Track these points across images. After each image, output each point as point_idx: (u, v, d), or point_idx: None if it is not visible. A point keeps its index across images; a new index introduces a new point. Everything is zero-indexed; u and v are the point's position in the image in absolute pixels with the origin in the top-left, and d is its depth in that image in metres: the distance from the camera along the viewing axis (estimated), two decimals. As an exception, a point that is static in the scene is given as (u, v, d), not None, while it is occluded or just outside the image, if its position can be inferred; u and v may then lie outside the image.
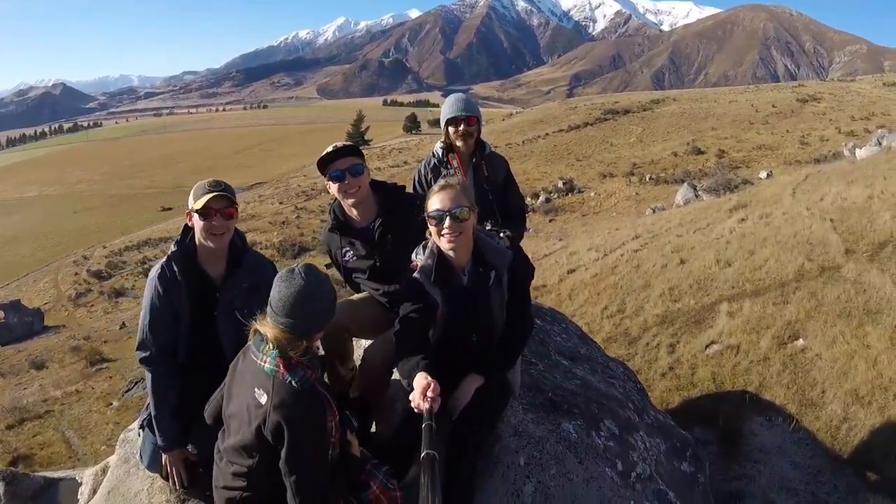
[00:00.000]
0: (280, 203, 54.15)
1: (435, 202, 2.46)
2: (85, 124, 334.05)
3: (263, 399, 2.08)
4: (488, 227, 3.15)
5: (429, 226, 2.53)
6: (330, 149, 2.91)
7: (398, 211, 3.01)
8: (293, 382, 2.05)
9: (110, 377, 15.06)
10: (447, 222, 2.42)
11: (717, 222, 11.62)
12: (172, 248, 2.75)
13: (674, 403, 5.35)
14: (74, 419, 12.07)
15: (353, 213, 3.03)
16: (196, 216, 2.62)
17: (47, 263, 48.29)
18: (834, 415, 4.71)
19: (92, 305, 34.20)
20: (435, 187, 2.53)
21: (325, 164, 2.89)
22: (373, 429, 3.19)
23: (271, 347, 2.10)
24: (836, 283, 6.60)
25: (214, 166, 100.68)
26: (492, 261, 2.54)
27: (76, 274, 42.07)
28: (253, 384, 2.13)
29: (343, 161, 2.88)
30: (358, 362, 3.41)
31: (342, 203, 3.01)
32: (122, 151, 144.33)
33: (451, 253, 2.51)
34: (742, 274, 7.66)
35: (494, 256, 2.56)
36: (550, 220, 29.77)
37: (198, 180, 2.70)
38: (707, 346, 6.21)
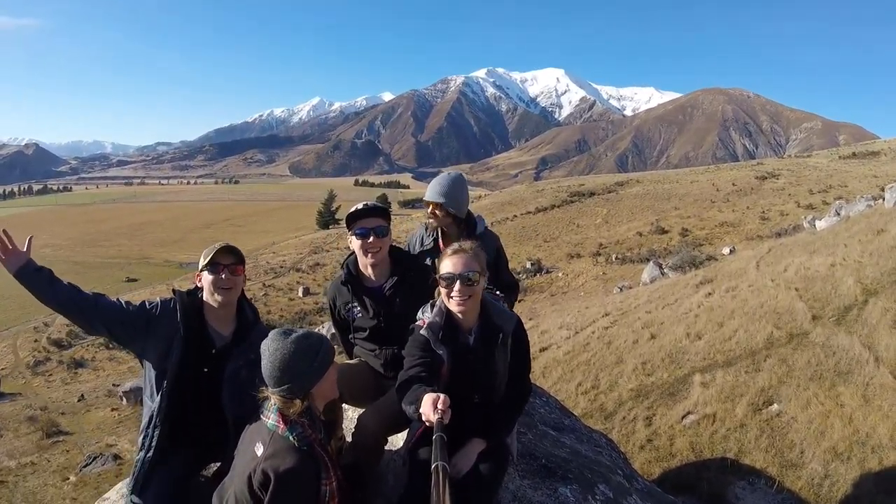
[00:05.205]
0: (248, 279, 53.46)
1: (447, 265, 2.55)
2: (55, 188, 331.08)
3: (259, 451, 2.15)
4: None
5: (440, 287, 2.60)
6: (360, 206, 3.03)
7: (411, 276, 3.11)
8: (290, 437, 2.15)
9: (67, 451, 14.27)
10: (457, 285, 2.50)
11: (684, 297, 11.84)
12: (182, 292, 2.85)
13: (655, 475, 5.35)
14: (29, 492, 11.39)
15: (369, 271, 3.11)
16: (205, 272, 2.75)
17: (7, 328, 46.67)
18: (815, 473, 4.77)
19: (50, 375, 32.89)
20: (448, 250, 2.61)
21: (353, 219, 3.02)
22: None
23: (273, 404, 2.21)
24: (806, 348, 6.77)
25: (182, 239, 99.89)
26: (498, 323, 2.62)
27: (36, 341, 40.74)
28: (256, 440, 2.22)
29: (371, 220, 3.00)
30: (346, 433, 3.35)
31: (359, 260, 3.11)
32: (91, 218, 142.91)
33: (459, 315, 2.58)
34: (713, 345, 7.80)
35: (501, 319, 2.64)
36: (519, 301, 29.65)
37: (164, 252, 2.80)
38: (683, 417, 6.28)
